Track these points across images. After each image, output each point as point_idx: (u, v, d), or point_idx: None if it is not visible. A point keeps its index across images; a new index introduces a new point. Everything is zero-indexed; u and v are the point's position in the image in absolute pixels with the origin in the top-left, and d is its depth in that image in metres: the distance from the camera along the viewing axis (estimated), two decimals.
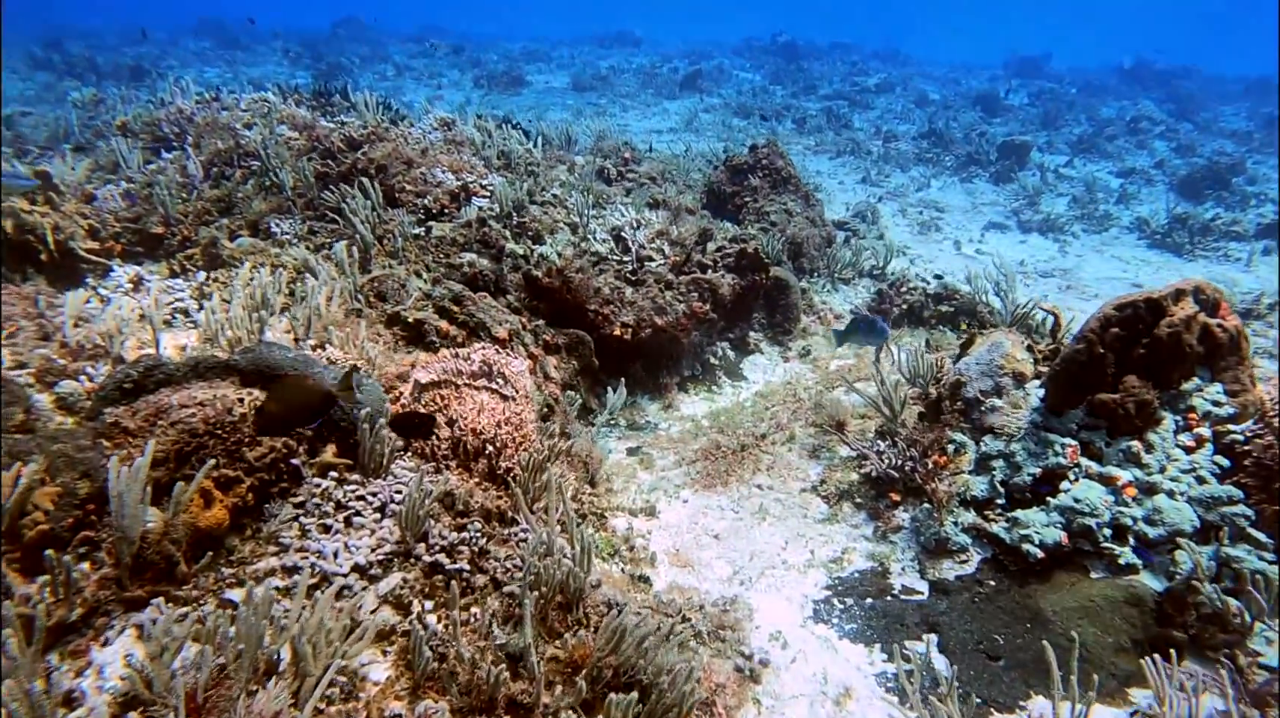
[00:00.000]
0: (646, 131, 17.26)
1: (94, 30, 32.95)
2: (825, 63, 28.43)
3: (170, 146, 7.22)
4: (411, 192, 6.58)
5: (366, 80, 23.57)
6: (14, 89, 19.39)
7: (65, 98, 18.81)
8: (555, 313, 6.46)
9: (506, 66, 25.06)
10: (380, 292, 5.50)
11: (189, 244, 5.99)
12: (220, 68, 25.18)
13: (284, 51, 28.00)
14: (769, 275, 7.77)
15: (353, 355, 4.60)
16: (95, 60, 21.89)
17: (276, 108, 7.81)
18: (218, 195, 6.39)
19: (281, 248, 6.09)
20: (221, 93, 9.21)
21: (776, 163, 9.29)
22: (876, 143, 16.88)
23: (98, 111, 11.03)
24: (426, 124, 8.77)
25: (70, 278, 5.52)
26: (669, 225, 7.78)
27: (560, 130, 10.46)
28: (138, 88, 19.73)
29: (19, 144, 8.86)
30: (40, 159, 8.42)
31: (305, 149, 7.14)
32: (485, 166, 7.61)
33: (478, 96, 20.79)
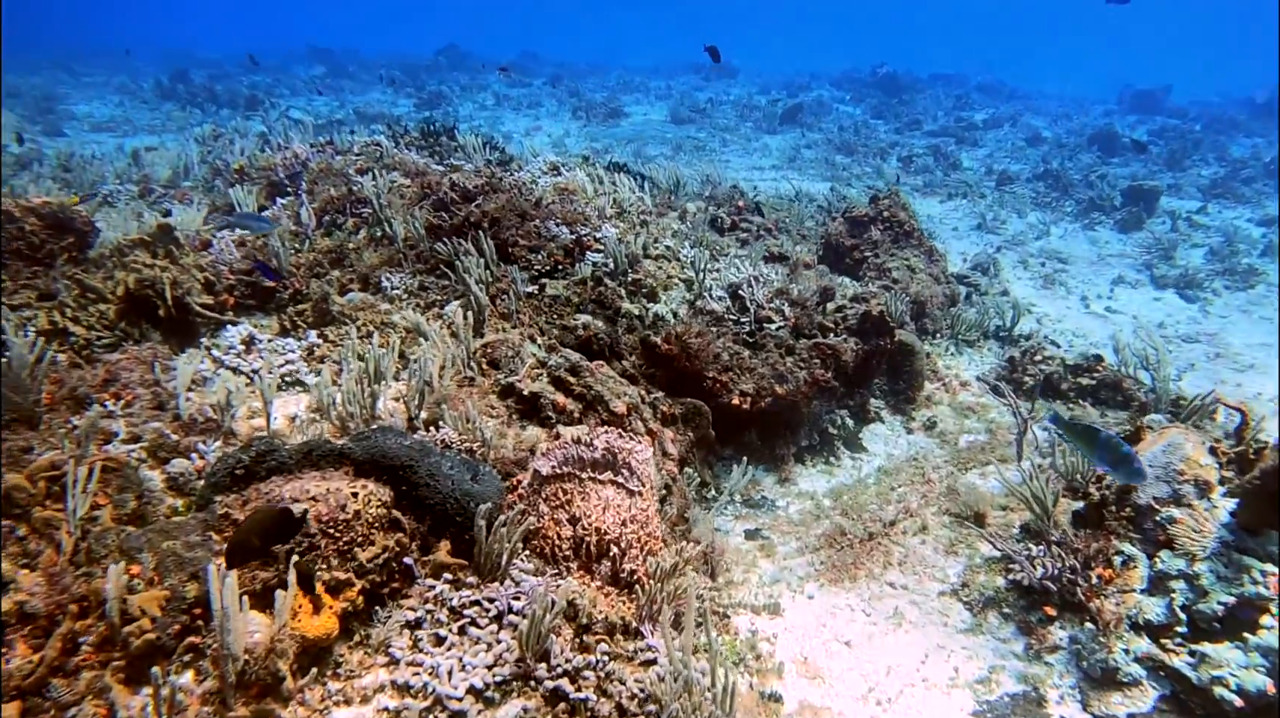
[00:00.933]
0: (748, 168, 16.90)
1: (216, 60, 34.46)
2: (928, 96, 27.61)
3: (284, 191, 7.17)
4: (525, 246, 6.34)
5: (467, 110, 23.90)
6: (143, 118, 20.26)
7: (188, 125, 19.57)
8: (672, 379, 6.11)
9: (604, 97, 25.07)
10: (494, 358, 5.24)
11: (300, 298, 5.86)
12: (329, 96, 25.89)
13: (388, 80, 28.67)
14: (894, 340, 7.27)
15: (467, 436, 4.32)
16: (215, 89, 22.75)
17: (388, 152, 7.72)
18: (329, 246, 6.26)
19: (392, 303, 5.91)
20: (334, 133, 9.23)
21: (899, 215, 8.79)
22: (989, 184, 16.11)
23: (216, 146, 11.25)
24: (535, 167, 8.59)
25: (186, 333, 5.43)
26: (788, 283, 7.36)
27: (668, 174, 10.16)
28: (251, 116, 20.40)
29: (145, 183, 9.01)
30: (163, 198, 8.53)
31: (417, 197, 7.00)
32: (598, 217, 7.34)
33: (576, 128, 20.78)
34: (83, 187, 8.82)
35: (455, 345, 5.07)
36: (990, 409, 7.46)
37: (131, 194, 8.69)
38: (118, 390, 4.24)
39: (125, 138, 18.31)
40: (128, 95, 23.24)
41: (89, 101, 21.86)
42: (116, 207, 8.38)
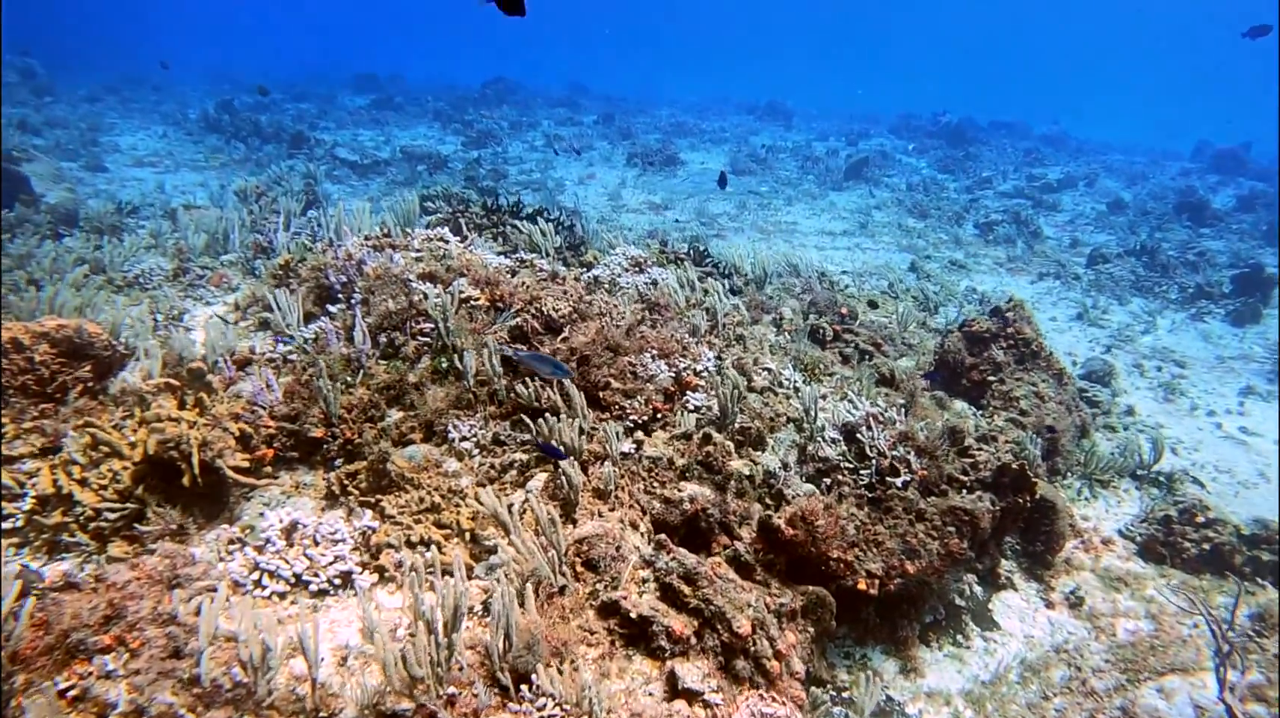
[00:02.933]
0: (818, 233, 15.86)
1: None
2: (994, 149, 26.46)
3: (335, 297, 6.23)
4: (619, 389, 5.33)
5: (516, 150, 23.12)
6: (185, 152, 19.65)
7: (230, 163, 18.91)
8: (790, 561, 5.06)
9: (659, 141, 24.18)
10: (590, 558, 4.22)
11: (351, 449, 4.88)
12: (374, 130, 25.27)
13: (435, 114, 28.05)
14: (1034, 497, 6.17)
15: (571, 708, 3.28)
16: (259, 121, 22.15)
17: (454, 252, 6.77)
18: (387, 380, 5.28)
19: (461, 460, 4.92)
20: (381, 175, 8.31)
21: (1024, 331, 7.68)
22: (1080, 261, 14.93)
23: (259, 208, 10.41)
24: (616, 264, 7.61)
25: (214, 503, 4.47)
26: (911, 424, 6.29)
27: (753, 261, 9.16)
28: (295, 154, 19.72)
29: (181, 258, 8.14)
30: (199, 281, 7.65)
31: (488, 314, 6.03)
32: (694, 339, 6.33)
33: (632, 177, 19.88)
34: (114, 265, 7.96)
35: (542, 546, 4.05)
36: (1146, 583, 6.31)
37: (165, 274, 7.81)
38: (122, 633, 3.27)
39: (166, 174, 17.69)
40: (173, 125, 22.71)
41: (134, 132, 21.32)
42: (148, 293, 7.51)
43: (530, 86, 36.31)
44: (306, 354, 5.69)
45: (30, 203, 10.99)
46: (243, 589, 3.85)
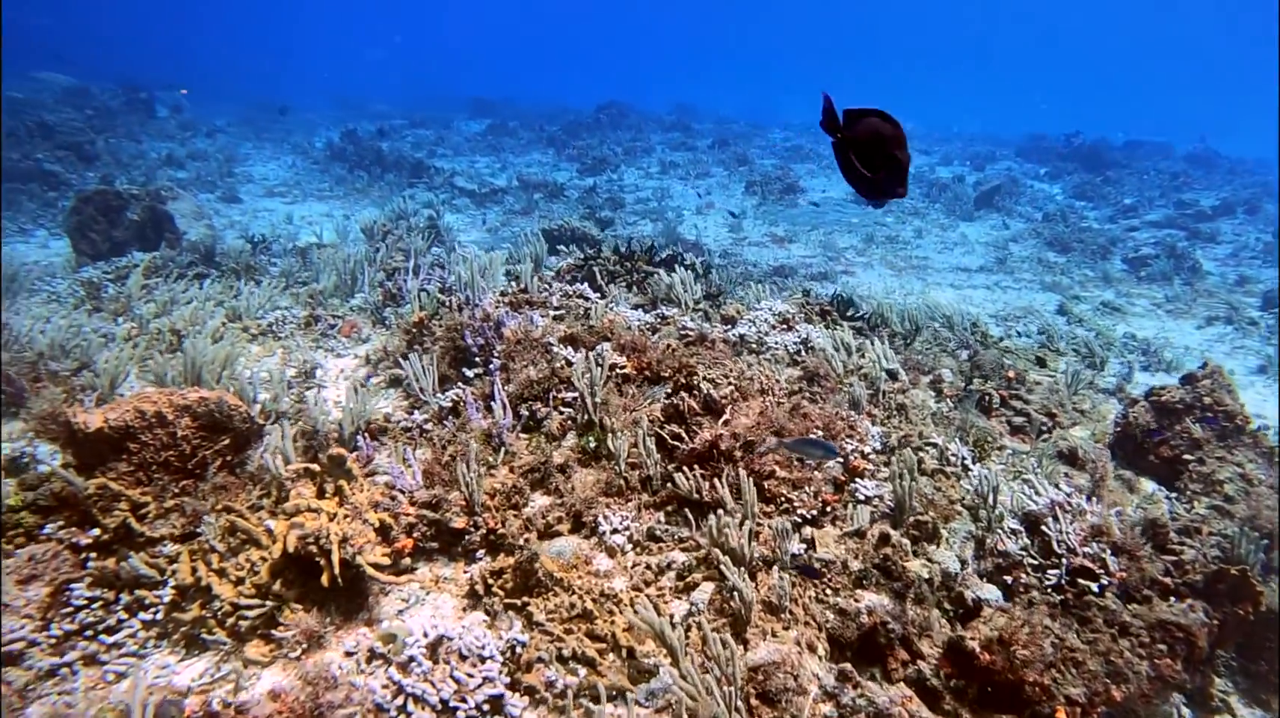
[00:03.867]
0: (953, 269, 14.94)
1: (385, 113, 35.18)
2: (1135, 173, 24.73)
3: (472, 359, 5.91)
4: (785, 479, 4.80)
5: (632, 178, 22.91)
6: (312, 182, 20.17)
7: (354, 192, 19.29)
8: (981, 687, 4.42)
9: (776, 167, 23.57)
10: (766, 690, 3.69)
11: (494, 540, 4.51)
12: (490, 157, 25.53)
13: (548, 139, 28.18)
14: (1258, 608, 5.32)
15: None
16: (380, 150, 22.62)
17: (595, 312, 6.38)
18: (530, 462, 4.90)
19: (613, 557, 4.48)
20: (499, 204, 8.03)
21: (1223, 401, 6.77)
22: (1252, 302, 13.54)
23: (387, 248, 10.34)
24: (762, 320, 7.09)
25: (352, 598, 4.15)
26: (1105, 513, 5.52)
27: (901, 313, 8.48)
28: (416, 183, 19.97)
29: (313, 304, 8.06)
30: (331, 329, 7.51)
31: (636, 377, 5.61)
32: (857, 413, 5.75)
33: (752, 206, 19.34)
34: (249, 312, 7.93)
35: (718, 678, 3.55)
36: None
37: (297, 322, 7.71)
38: None
39: (295, 204, 18.14)
40: (300, 155, 23.45)
41: (265, 163, 22.10)
42: (281, 342, 7.41)
43: (641, 110, 36.23)
44: (444, 426, 5.38)
45: (174, 242, 11.27)
46: (387, 716, 3.49)
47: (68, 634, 3.95)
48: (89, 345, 6.73)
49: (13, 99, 20.87)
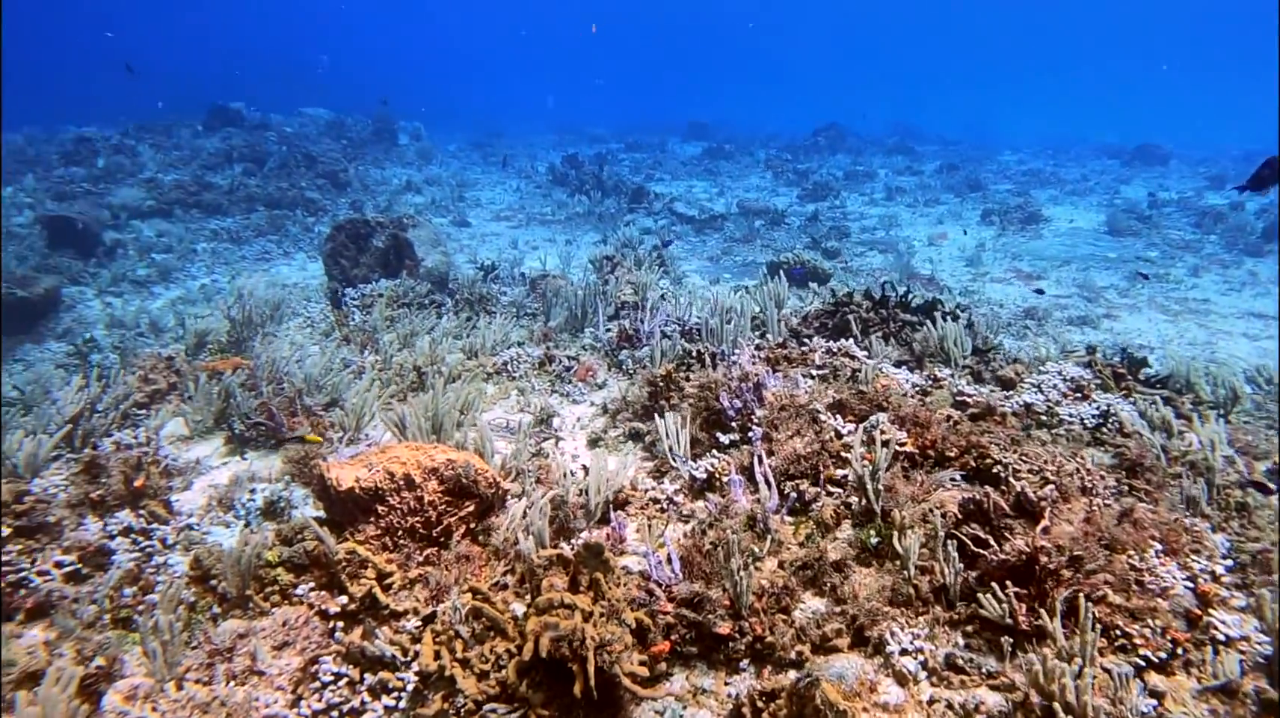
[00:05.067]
0: (1243, 315, 12.78)
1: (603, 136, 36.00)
2: None
3: (727, 424, 5.32)
4: (1120, 607, 3.83)
5: (855, 204, 21.81)
6: (535, 206, 20.66)
7: (575, 217, 19.53)
8: None
9: (1013, 193, 21.68)
10: None
11: (761, 650, 3.86)
12: (707, 181, 25.24)
13: (765, 163, 27.55)
14: None
15: None
16: (600, 175, 22.87)
17: (864, 374, 5.61)
18: (801, 556, 4.22)
19: (904, 685, 3.70)
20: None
21: None
22: None
23: (615, 282, 10.05)
24: (1050, 387, 6.04)
25: (603, 712, 3.64)
26: None
27: (1210, 376, 7.07)
28: (635, 209, 19.93)
29: (547, 342, 7.82)
30: (568, 372, 7.19)
31: (919, 457, 4.80)
32: (1196, 520, 4.63)
33: (990, 237, 17.74)
34: (485, 348, 7.80)
35: None
36: None
37: (532, 362, 7.47)
38: None
39: (519, 229, 18.54)
40: (525, 179, 24.19)
41: (492, 187, 22.95)
42: (515, 383, 7.18)
43: (860, 132, 34.88)
44: (700, 500, 4.81)
45: (413, 268, 11.60)
46: None
47: (315, 714, 3.70)
48: (340, 382, 6.76)
49: (284, 132, 22.90)
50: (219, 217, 17.80)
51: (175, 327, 11.75)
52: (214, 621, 4.05)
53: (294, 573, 4.22)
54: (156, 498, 5.06)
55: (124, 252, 15.49)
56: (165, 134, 22.92)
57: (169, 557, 4.68)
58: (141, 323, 12.00)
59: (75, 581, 4.54)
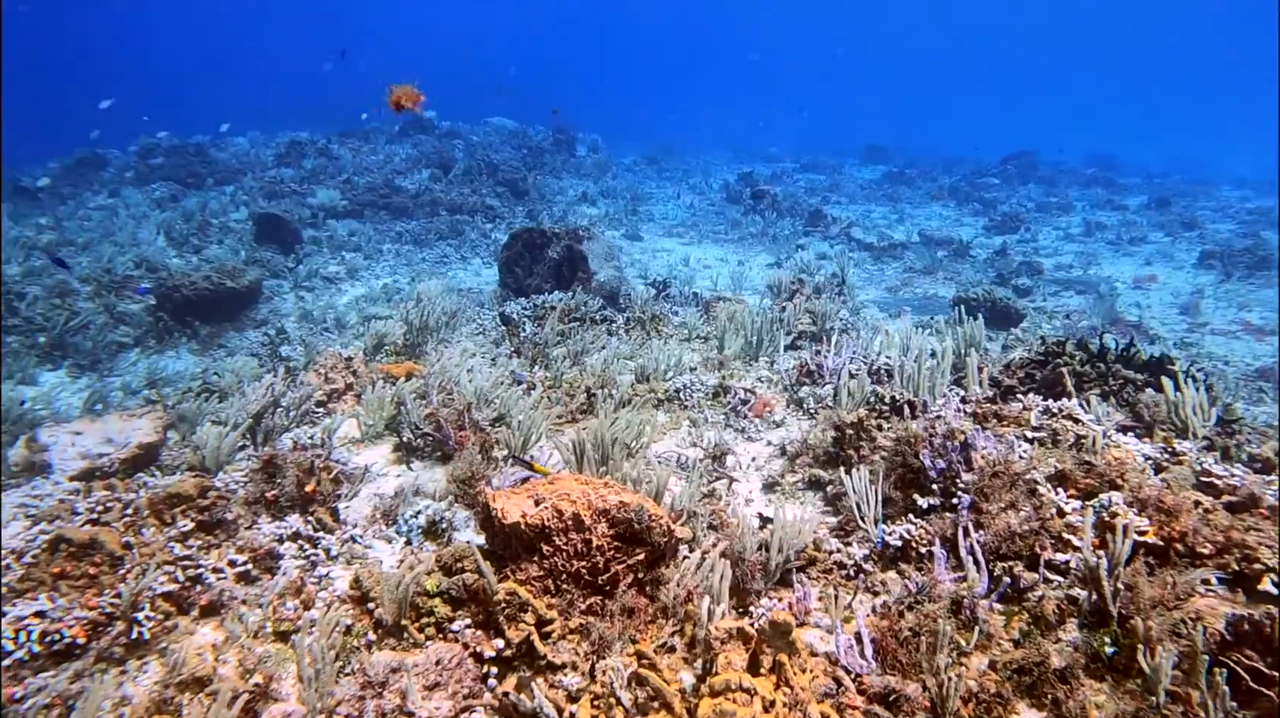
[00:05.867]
0: None
1: (777, 155, 35.43)
2: None
3: (927, 485, 4.74)
4: None
5: (1048, 239, 20.25)
6: (708, 223, 20.37)
7: (748, 237, 19.11)
8: None
9: (1243, 236, 19.43)
10: None
11: None
12: (885, 207, 24.21)
13: (949, 190, 26.15)
14: None
15: None
16: (775, 195, 22.33)
17: (1093, 440, 4.88)
18: (1016, 658, 3.60)
19: None
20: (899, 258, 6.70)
21: None
22: None
23: (795, 309, 9.54)
24: None
25: None
26: None
27: None
28: (811, 232, 19.29)
29: (721, 371, 7.43)
30: (741, 408, 6.78)
31: (1166, 553, 4.07)
32: None
33: (1210, 283, 15.93)
34: (657, 372, 7.51)
35: None
36: None
37: (705, 392, 7.10)
38: None
39: (690, 245, 18.32)
40: (698, 195, 24.02)
41: (665, 202, 22.89)
42: (688, 412, 6.83)
43: (1053, 161, 32.57)
44: (893, 571, 4.27)
45: (586, 282, 11.53)
46: None
47: None
48: (508, 397, 6.63)
49: (470, 141, 23.75)
50: (405, 219, 18.58)
51: (358, 324, 12.21)
52: (369, 648, 3.90)
53: (451, 606, 4.01)
54: (325, 505, 5.03)
55: (318, 249, 16.38)
56: (364, 139, 24.29)
57: (331, 569, 4.61)
58: (328, 318, 12.54)
59: (245, 581, 4.54)
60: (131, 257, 14.76)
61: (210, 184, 20.67)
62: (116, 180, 21.11)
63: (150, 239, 16.13)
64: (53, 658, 3.98)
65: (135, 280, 13.86)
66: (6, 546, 4.42)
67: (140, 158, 22.01)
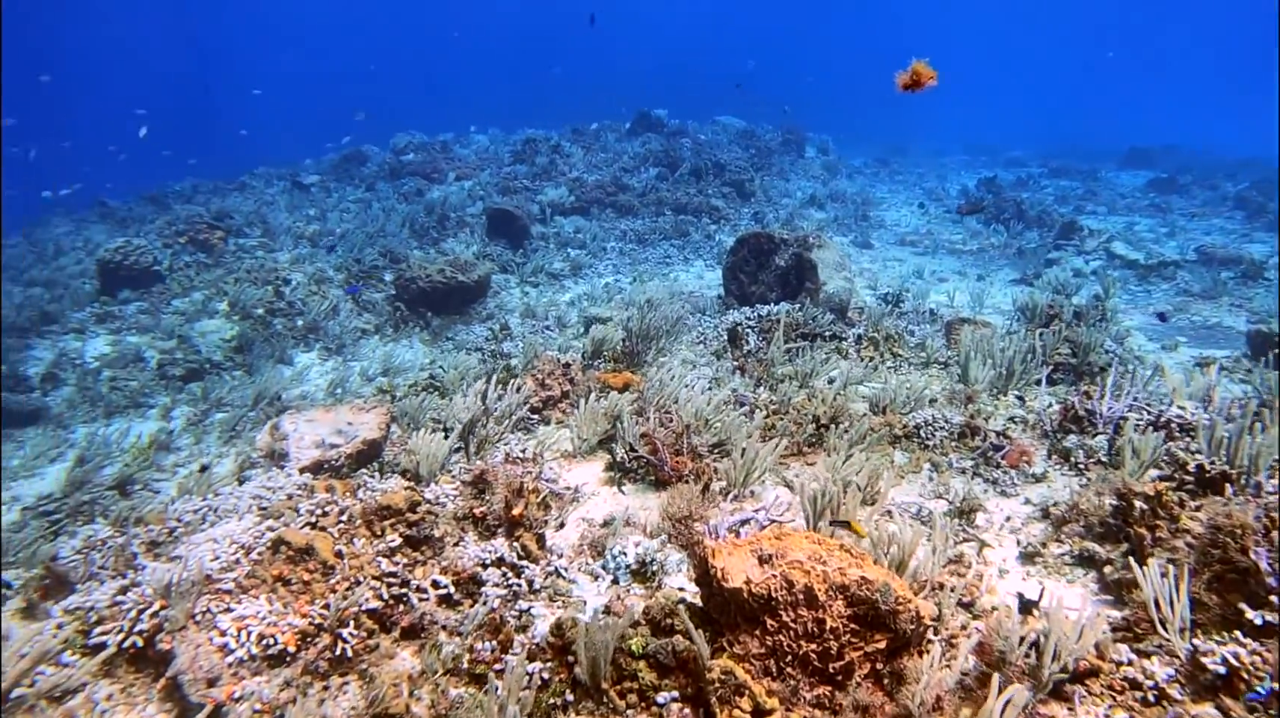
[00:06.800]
0: None
1: (1022, 159, 32.70)
2: None
3: (1262, 596, 3.76)
4: None
5: None
6: (944, 230, 18.99)
7: (989, 249, 17.53)
8: None
9: None
10: None
11: None
12: (1153, 219, 21.49)
13: (1235, 200, 22.78)
14: None
15: None
16: (1020, 202, 20.39)
17: None
18: None
19: None
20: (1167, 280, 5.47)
21: None
22: None
23: (1053, 339, 8.41)
24: None
25: None
26: None
27: None
28: (1064, 245, 17.42)
29: (968, 409, 6.58)
30: (993, 454, 5.94)
31: None
32: None
33: None
34: (895, 404, 6.77)
35: None
36: None
37: (950, 430, 6.30)
38: None
39: (925, 256, 17.09)
40: (935, 201, 22.46)
41: (898, 208, 21.61)
42: (929, 453, 6.06)
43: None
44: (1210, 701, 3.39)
45: (814, 293, 10.88)
46: None
47: None
48: (730, 422, 6.17)
49: (698, 140, 23.60)
50: (630, 217, 18.65)
51: (578, 323, 12.24)
52: (564, 710, 3.56)
53: (657, 672, 3.60)
54: (531, 530, 4.80)
55: (545, 245, 16.75)
56: (594, 137, 24.79)
57: (533, 605, 4.36)
58: (550, 315, 12.68)
59: (447, 605, 4.38)
60: (379, 248, 15.75)
61: (451, 179, 21.83)
62: (374, 175, 22.82)
63: (395, 231, 17.19)
64: (267, 661, 3.99)
65: (379, 270, 14.76)
66: (239, 540, 4.53)
67: (395, 154, 23.69)
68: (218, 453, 9.07)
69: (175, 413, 10.68)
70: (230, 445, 9.21)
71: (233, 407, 10.35)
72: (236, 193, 21.79)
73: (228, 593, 4.26)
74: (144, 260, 14.59)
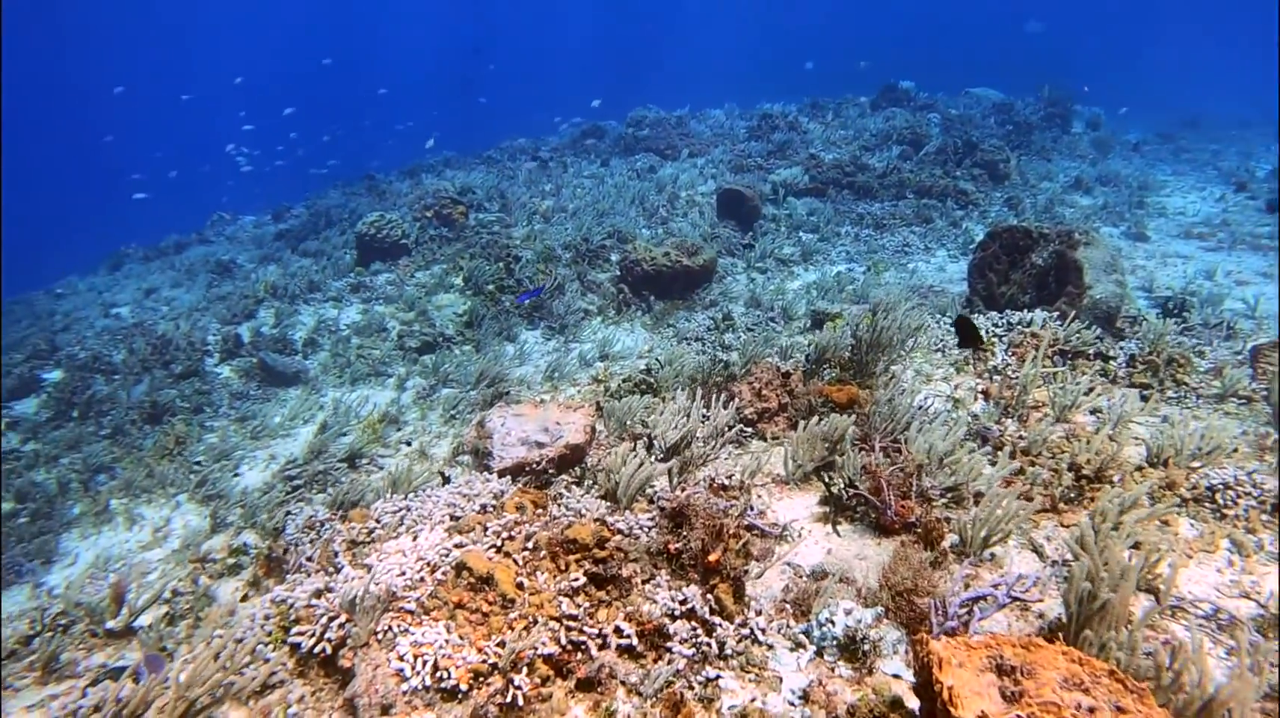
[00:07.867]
0: None
1: None
2: None
3: None
4: None
5: None
6: (1247, 224, 16.16)
7: None
8: None
9: None
10: None
11: None
12: None
13: None
14: None
15: None
16: None
17: None
18: None
19: None
20: None
21: None
22: None
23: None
24: None
25: None
26: None
27: None
28: None
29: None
30: None
31: None
32: None
33: None
34: (1178, 456, 5.55)
35: None
36: None
37: (1256, 499, 5.05)
38: None
39: (1218, 252, 14.61)
40: (1233, 187, 19.25)
41: (1185, 193, 18.67)
42: (1233, 534, 4.87)
43: None
44: None
45: (1075, 297, 9.44)
46: None
47: None
48: (970, 463, 5.31)
49: (948, 115, 21.75)
50: (867, 200, 17.48)
51: (804, 316, 11.52)
52: None
53: None
54: (728, 579, 4.27)
55: (775, 228, 16.03)
56: (834, 112, 23.55)
57: (721, 675, 3.83)
58: (776, 306, 12.04)
59: (629, 656, 3.97)
60: (608, 227, 15.76)
61: (685, 155, 21.55)
62: (609, 150, 23.04)
63: (625, 209, 17.15)
64: (440, 694, 3.78)
65: (607, 249, 14.73)
66: (425, 557, 4.38)
67: (631, 128, 23.78)
68: (437, 432, 9.33)
69: (409, 383, 11.19)
70: (449, 425, 9.45)
71: (458, 383, 10.67)
72: (482, 167, 22.82)
73: (410, 613, 4.12)
74: (394, 234, 15.53)
